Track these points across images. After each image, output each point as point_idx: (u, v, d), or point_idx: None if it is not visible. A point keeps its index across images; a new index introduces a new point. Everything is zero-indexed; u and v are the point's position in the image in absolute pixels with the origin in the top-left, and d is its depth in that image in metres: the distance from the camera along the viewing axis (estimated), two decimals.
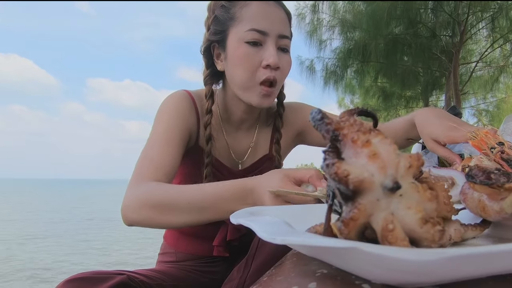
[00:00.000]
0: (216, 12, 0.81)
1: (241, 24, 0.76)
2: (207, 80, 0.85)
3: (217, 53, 0.83)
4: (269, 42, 0.77)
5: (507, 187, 0.28)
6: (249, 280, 0.66)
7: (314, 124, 0.30)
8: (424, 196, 0.27)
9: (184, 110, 0.82)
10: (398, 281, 0.23)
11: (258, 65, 0.77)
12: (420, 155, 0.28)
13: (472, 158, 0.68)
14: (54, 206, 14.26)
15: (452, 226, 0.31)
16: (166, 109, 0.82)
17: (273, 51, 0.76)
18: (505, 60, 9.24)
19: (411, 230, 0.26)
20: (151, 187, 0.68)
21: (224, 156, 0.88)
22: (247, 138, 0.93)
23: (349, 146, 0.27)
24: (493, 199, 0.29)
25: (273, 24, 0.77)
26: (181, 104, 0.82)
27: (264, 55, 0.76)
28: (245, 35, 0.76)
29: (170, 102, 0.83)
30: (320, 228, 0.32)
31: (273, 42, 0.77)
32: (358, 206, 0.26)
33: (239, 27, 0.77)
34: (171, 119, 0.79)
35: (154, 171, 0.71)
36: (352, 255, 0.23)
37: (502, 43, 8.53)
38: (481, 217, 0.33)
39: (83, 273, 0.63)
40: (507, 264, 0.23)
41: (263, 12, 0.77)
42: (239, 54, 0.76)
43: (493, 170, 0.30)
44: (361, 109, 0.34)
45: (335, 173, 0.26)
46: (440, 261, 0.20)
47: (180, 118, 0.80)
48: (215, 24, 0.81)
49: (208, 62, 0.85)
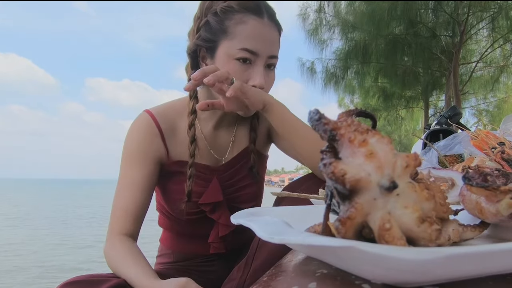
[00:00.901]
0: (208, 17, 0.80)
1: (233, 40, 0.76)
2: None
3: (203, 56, 0.83)
4: (259, 62, 0.78)
5: (503, 190, 0.28)
6: (249, 280, 0.66)
7: (312, 124, 0.30)
8: (421, 196, 0.27)
9: (148, 136, 0.82)
10: (395, 280, 0.23)
11: (244, 83, 0.77)
12: (417, 155, 0.28)
13: (474, 159, 0.68)
14: (54, 206, 14.27)
15: (451, 226, 0.31)
16: (130, 142, 0.82)
17: (260, 72, 0.77)
18: (505, 60, 9.25)
19: (408, 229, 0.26)
20: (108, 251, 0.74)
21: (203, 156, 0.88)
22: (227, 134, 0.92)
23: (346, 146, 0.27)
24: (489, 201, 0.29)
25: (265, 45, 0.77)
26: (144, 132, 0.82)
27: (252, 75, 0.78)
28: (236, 53, 0.76)
29: (132, 133, 0.83)
30: (319, 228, 0.32)
31: (262, 62, 0.78)
32: (355, 205, 0.26)
33: (231, 42, 0.77)
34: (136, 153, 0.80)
35: (124, 222, 0.77)
36: (349, 254, 0.23)
37: (502, 43, 8.54)
38: (479, 218, 0.33)
39: (80, 276, 0.64)
40: (504, 263, 0.23)
41: (258, 32, 0.77)
42: (228, 70, 0.75)
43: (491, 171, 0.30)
44: (360, 110, 0.34)
45: (332, 172, 0.26)
46: (437, 260, 0.20)
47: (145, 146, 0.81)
48: (206, 30, 0.80)
49: (193, 63, 0.85)
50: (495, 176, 0.37)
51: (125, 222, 0.77)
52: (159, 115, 0.84)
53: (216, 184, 0.86)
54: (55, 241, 6.49)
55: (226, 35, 0.77)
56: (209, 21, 0.79)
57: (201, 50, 0.82)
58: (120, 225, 0.76)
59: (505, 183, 0.37)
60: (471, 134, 0.80)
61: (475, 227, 0.34)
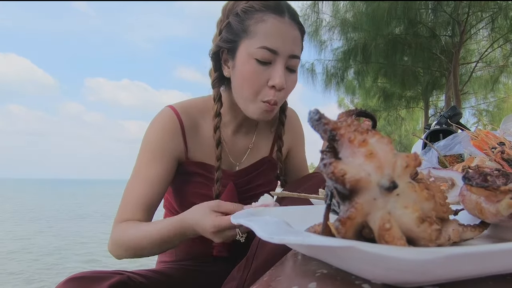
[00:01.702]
0: (230, 18, 0.79)
1: (253, 39, 0.75)
2: (215, 83, 0.85)
3: (225, 58, 0.82)
4: (279, 62, 0.76)
5: (503, 190, 0.28)
6: (249, 280, 0.66)
7: (311, 124, 0.30)
8: (421, 196, 0.27)
9: (169, 133, 0.81)
10: (395, 280, 0.23)
11: (264, 84, 0.76)
12: (417, 155, 0.28)
13: (474, 159, 0.68)
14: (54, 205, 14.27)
15: (451, 226, 0.31)
16: (150, 136, 0.81)
17: (281, 72, 0.75)
18: (505, 60, 9.24)
19: (408, 230, 0.26)
20: (121, 231, 0.74)
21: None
22: (246, 140, 0.93)
23: (346, 146, 0.27)
24: (489, 201, 0.29)
25: (285, 44, 0.75)
26: (165, 128, 0.81)
27: (272, 74, 0.76)
28: (256, 52, 0.74)
29: (153, 127, 0.82)
30: (319, 228, 0.32)
31: (283, 62, 0.76)
32: (355, 205, 0.26)
33: (251, 41, 0.75)
34: (154, 149, 0.80)
35: (134, 209, 0.76)
36: (349, 254, 0.23)
37: (502, 43, 8.53)
38: (479, 218, 0.33)
39: (83, 272, 0.64)
40: (504, 263, 0.23)
41: (278, 30, 0.75)
42: (247, 69, 0.76)
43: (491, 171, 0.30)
44: (360, 110, 0.34)
45: (332, 172, 0.26)
46: (437, 260, 0.20)
47: (165, 143, 0.80)
48: (227, 31, 0.79)
49: (216, 66, 0.84)
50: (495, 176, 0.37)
51: (132, 213, 0.75)
52: (182, 112, 0.84)
53: (233, 189, 0.86)
54: (54, 241, 6.49)
55: (247, 35, 0.76)
56: (230, 22, 0.79)
57: (223, 53, 0.82)
58: (127, 215, 0.75)
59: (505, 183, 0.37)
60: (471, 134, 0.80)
61: (475, 227, 0.34)
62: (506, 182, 0.37)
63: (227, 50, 0.80)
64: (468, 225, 0.34)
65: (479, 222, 0.35)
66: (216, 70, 0.84)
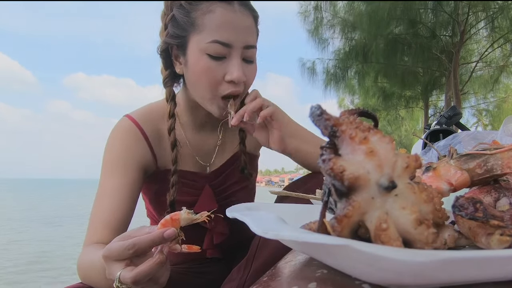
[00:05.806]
0: (174, 11, 0.73)
1: (202, 33, 0.69)
2: (167, 82, 0.78)
3: (175, 54, 0.76)
4: (234, 55, 0.70)
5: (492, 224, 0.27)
6: (249, 281, 0.66)
7: (312, 119, 0.30)
8: (420, 198, 0.27)
9: (129, 143, 0.76)
10: (389, 281, 0.23)
11: (221, 79, 0.71)
12: (418, 157, 0.28)
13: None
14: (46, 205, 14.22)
15: (446, 231, 0.30)
16: (110, 149, 0.76)
17: (237, 65, 0.70)
18: (505, 60, 9.24)
19: (405, 231, 0.26)
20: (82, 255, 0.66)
21: (188, 162, 0.83)
22: (212, 138, 0.87)
23: (347, 143, 0.27)
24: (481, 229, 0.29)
25: (238, 35, 0.69)
26: (124, 138, 0.76)
27: (228, 68, 0.70)
28: (207, 47, 0.68)
29: (112, 139, 0.77)
30: (314, 225, 0.32)
31: (238, 54, 0.70)
32: (352, 203, 0.26)
33: (200, 36, 0.69)
34: (116, 161, 0.74)
35: (102, 229, 0.69)
36: (344, 253, 0.23)
37: (502, 43, 8.53)
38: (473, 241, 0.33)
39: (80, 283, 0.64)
40: (501, 270, 0.23)
41: (228, 21, 0.69)
42: (201, 66, 0.70)
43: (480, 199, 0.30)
44: (362, 109, 0.34)
45: (330, 168, 0.25)
46: (433, 263, 0.20)
47: (126, 153, 0.75)
48: (173, 25, 0.73)
49: (166, 63, 0.77)
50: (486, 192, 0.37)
51: (102, 235, 0.69)
52: (140, 120, 0.78)
53: (209, 192, 0.83)
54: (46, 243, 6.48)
55: (195, 28, 0.70)
56: (175, 15, 0.72)
57: (172, 48, 0.75)
58: (97, 237, 0.69)
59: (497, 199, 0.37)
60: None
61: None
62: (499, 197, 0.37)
63: (176, 46, 0.74)
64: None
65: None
66: (167, 67, 0.77)
